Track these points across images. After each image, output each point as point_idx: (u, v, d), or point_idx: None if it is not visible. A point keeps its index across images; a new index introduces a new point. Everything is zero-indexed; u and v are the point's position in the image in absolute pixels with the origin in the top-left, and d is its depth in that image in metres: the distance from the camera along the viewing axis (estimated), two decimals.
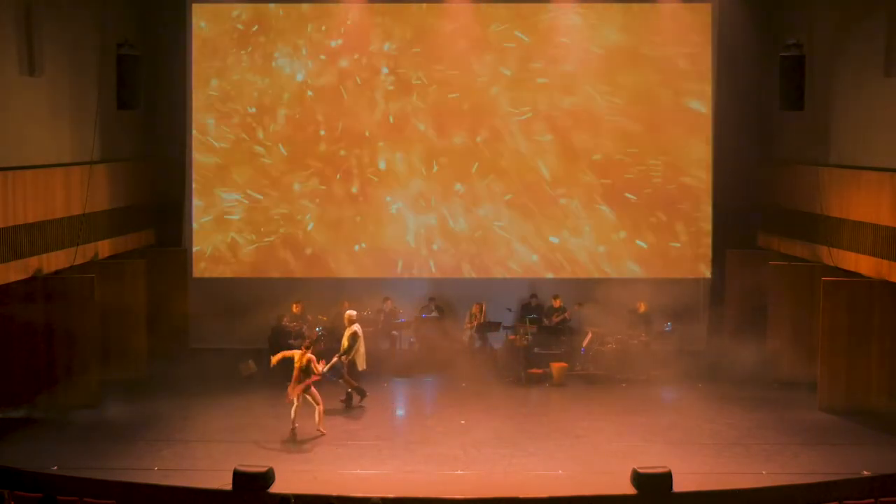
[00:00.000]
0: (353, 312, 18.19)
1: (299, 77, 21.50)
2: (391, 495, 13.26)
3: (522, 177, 21.64)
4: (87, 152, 18.37)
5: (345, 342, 17.77)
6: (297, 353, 16.38)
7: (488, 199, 21.65)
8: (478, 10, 21.29)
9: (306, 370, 16.22)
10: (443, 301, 21.25)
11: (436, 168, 21.57)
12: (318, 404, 16.30)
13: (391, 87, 21.51)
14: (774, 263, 19.82)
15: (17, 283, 16.30)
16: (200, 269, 21.70)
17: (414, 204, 21.68)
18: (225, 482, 13.56)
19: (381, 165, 21.62)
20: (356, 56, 21.46)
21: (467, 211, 21.69)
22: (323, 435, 16.16)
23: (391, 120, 21.56)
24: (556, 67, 21.47)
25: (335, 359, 17.53)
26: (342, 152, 21.60)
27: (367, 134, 21.57)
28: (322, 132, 21.55)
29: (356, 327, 17.93)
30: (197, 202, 21.63)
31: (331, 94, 21.52)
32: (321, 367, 16.45)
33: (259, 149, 21.58)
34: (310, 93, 21.51)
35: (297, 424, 16.16)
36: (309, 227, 21.66)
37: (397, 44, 21.45)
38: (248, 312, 20.23)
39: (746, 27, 21.05)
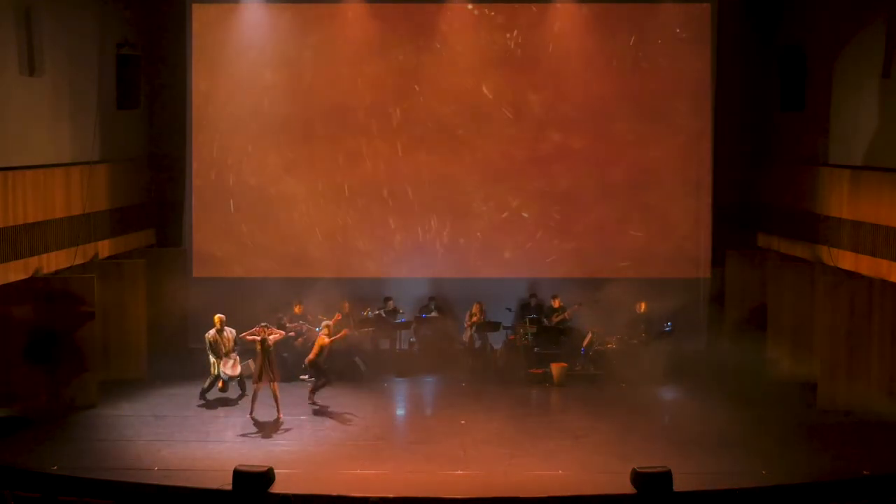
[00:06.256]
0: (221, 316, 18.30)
1: (299, 76, 21.49)
2: (391, 495, 13.28)
3: (521, 176, 21.64)
4: (87, 152, 18.37)
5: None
6: (257, 336, 17.04)
7: (487, 198, 21.66)
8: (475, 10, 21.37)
9: (267, 351, 16.93)
10: (443, 301, 21.23)
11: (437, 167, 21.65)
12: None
13: (396, 88, 21.49)
14: (774, 263, 19.82)
15: (17, 283, 16.31)
16: (200, 269, 21.70)
17: (415, 203, 21.68)
18: (225, 482, 13.56)
19: (382, 166, 21.63)
20: (357, 56, 21.44)
21: (467, 209, 21.69)
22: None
23: (394, 118, 21.60)
24: (555, 67, 21.45)
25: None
26: (343, 154, 21.59)
27: (369, 133, 21.57)
28: (323, 132, 21.55)
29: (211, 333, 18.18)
30: (197, 202, 21.63)
31: (330, 93, 21.50)
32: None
33: (259, 148, 21.58)
34: (309, 92, 21.50)
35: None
36: (308, 227, 21.66)
37: (405, 46, 21.42)
38: (248, 313, 20.19)
39: (746, 27, 21.05)
